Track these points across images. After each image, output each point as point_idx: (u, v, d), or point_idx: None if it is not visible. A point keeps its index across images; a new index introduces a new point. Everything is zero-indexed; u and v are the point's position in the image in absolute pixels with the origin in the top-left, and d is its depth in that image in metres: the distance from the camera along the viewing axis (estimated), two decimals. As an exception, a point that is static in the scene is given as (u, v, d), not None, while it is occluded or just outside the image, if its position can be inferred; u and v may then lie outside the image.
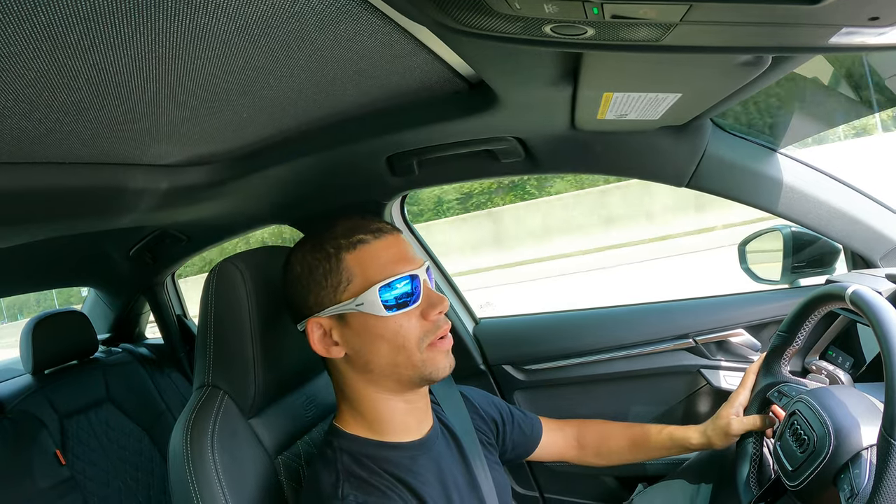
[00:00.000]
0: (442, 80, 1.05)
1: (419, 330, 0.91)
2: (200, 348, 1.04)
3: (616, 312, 1.64)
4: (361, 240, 0.90)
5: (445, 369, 0.93)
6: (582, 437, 1.34)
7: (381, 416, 0.95)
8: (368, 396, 0.94)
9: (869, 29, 0.55)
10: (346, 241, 0.90)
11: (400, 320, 0.89)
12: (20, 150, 0.92)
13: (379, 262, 0.90)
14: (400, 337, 0.89)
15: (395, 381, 0.93)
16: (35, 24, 0.55)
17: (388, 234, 0.93)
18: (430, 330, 0.91)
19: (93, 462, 2.16)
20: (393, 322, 0.89)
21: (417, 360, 0.90)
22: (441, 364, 0.92)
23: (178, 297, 2.67)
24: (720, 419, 1.18)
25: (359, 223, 0.93)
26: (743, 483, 1.09)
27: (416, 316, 0.91)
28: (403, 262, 0.91)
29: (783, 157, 1.25)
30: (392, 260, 0.90)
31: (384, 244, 0.91)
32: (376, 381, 0.93)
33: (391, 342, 0.90)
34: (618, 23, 0.56)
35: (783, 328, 1.13)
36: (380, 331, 0.89)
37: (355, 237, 0.90)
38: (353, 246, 0.90)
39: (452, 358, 0.95)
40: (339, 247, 0.90)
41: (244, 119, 1.06)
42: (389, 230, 0.94)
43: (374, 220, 0.95)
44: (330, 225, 0.94)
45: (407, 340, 0.90)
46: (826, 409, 0.90)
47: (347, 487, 0.86)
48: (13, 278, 2.31)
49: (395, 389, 0.94)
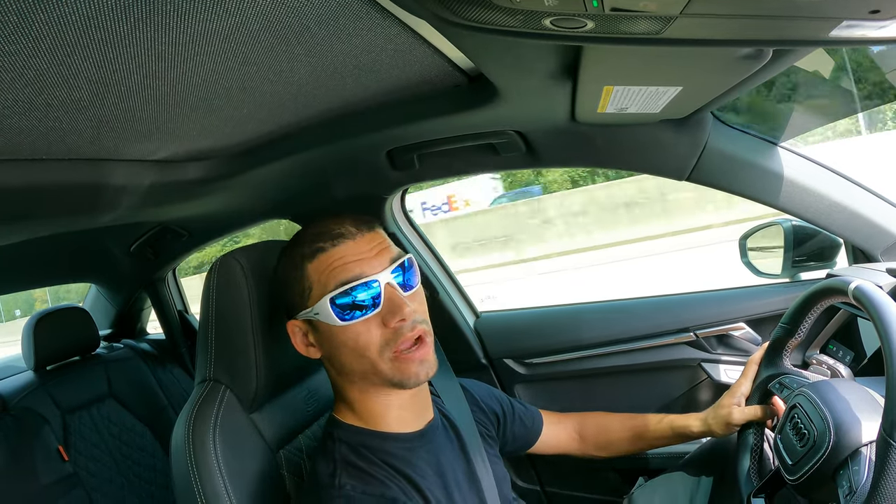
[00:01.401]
0: (442, 73, 1.05)
1: (380, 338, 0.87)
2: (202, 343, 1.04)
3: (617, 306, 1.64)
4: (320, 248, 0.88)
5: (418, 376, 0.89)
6: (582, 429, 1.34)
7: (374, 411, 0.94)
8: (356, 393, 0.94)
9: (870, 22, 0.54)
10: (308, 249, 0.89)
11: (357, 329, 0.87)
12: (21, 147, 0.92)
13: (332, 271, 0.87)
14: (359, 346, 0.87)
15: (372, 384, 0.92)
16: (34, 21, 0.55)
17: (349, 238, 0.89)
18: (392, 338, 0.87)
19: (95, 458, 2.17)
20: (350, 331, 0.87)
21: (383, 369, 0.88)
22: (411, 372, 0.88)
23: (179, 292, 2.67)
24: (721, 408, 1.18)
25: (323, 229, 0.90)
26: (744, 475, 1.09)
27: (376, 323, 0.87)
28: (360, 267, 0.87)
29: (784, 151, 1.25)
30: (347, 267, 0.87)
31: (342, 250, 0.88)
32: (357, 382, 0.93)
33: (352, 351, 0.88)
34: (618, 16, 0.56)
35: (785, 320, 1.13)
36: (341, 339, 0.88)
37: (315, 245, 0.89)
38: (313, 255, 0.89)
39: (431, 362, 0.91)
40: (302, 256, 0.90)
41: (244, 114, 1.06)
42: (352, 234, 0.90)
43: (342, 223, 0.91)
44: (305, 228, 0.94)
45: (367, 349, 0.87)
46: (826, 403, 0.90)
47: (345, 477, 0.86)
48: (14, 275, 2.31)
49: (378, 389, 0.93)
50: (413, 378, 0.88)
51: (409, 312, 0.87)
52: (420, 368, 0.89)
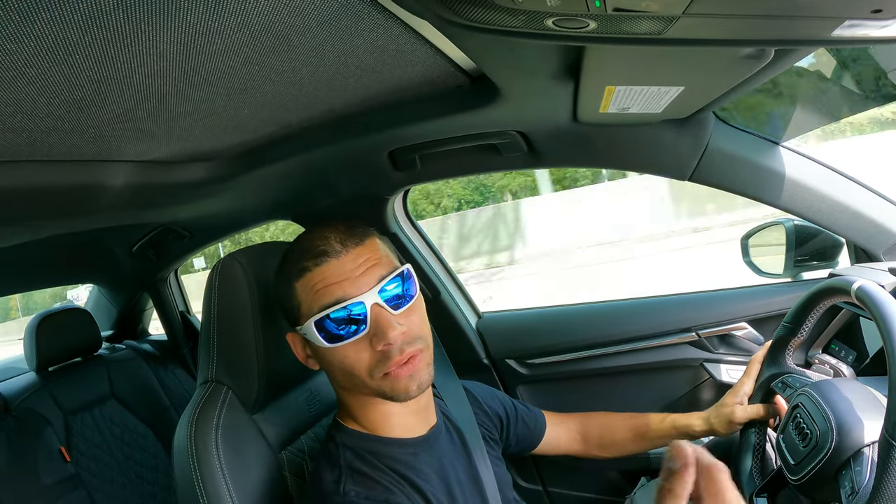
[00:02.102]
0: (444, 74, 1.04)
1: (368, 360, 0.85)
2: (204, 344, 1.05)
3: (619, 306, 1.64)
4: (304, 268, 0.86)
5: (408, 391, 0.86)
6: (585, 429, 1.34)
7: (376, 419, 0.94)
8: (357, 402, 0.94)
9: (871, 21, 0.54)
10: (294, 268, 0.87)
11: (344, 351, 0.85)
12: (23, 147, 0.93)
13: (315, 293, 0.85)
14: (346, 367, 0.86)
15: (368, 396, 0.91)
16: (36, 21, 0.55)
17: (332, 257, 0.85)
18: (380, 360, 0.84)
19: (97, 458, 2.17)
20: (337, 353, 0.86)
21: (373, 386, 0.86)
22: (402, 387, 0.86)
23: (181, 293, 2.67)
24: (724, 407, 1.18)
25: (309, 245, 0.87)
26: (747, 474, 1.09)
27: (363, 345, 0.85)
28: (342, 289, 0.84)
29: (786, 151, 1.25)
30: (329, 290, 0.84)
31: (324, 270, 0.85)
32: (354, 394, 0.93)
33: (340, 370, 0.88)
34: (620, 16, 0.56)
35: (788, 319, 1.13)
36: (328, 359, 0.88)
37: (301, 265, 0.86)
38: (299, 274, 0.87)
39: (423, 377, 0.87)
40: (290, 274, 0.88)
41: (246, 115, 1.06)
42: (336, 252, 0.86)
43: (327, 239, 0.87)
44: (297, 240, 0.92)
45: (354, 370, 0.86)
46: (829, 403, 0.90)
47: (350, 483, 0.86)
48: (16, 276, 2.31)
49: (377, 400, 0.91)
50: (403, 393, 0.86)
51: (396, 336, 0.83)
52: (410, 383, 0.86)
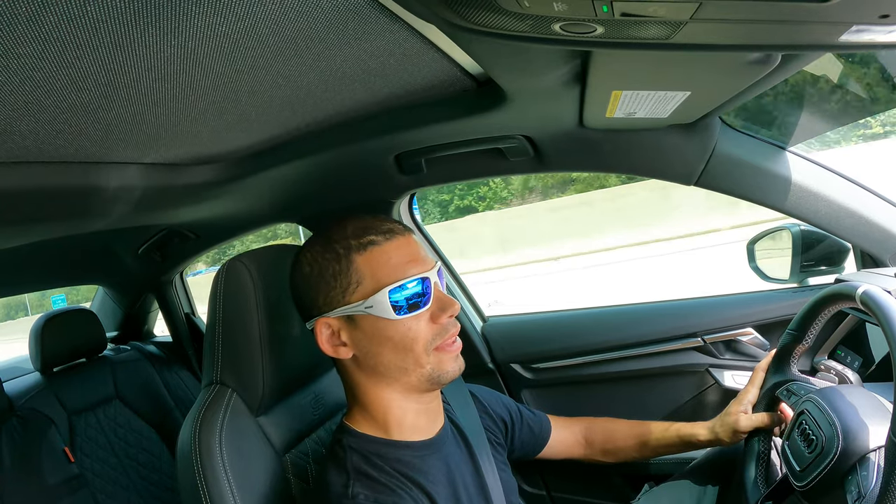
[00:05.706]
0: (451, 78, 1.05)
1: (428, 333, 0.90)
2: (209, 346, 1.05)
3: (624, 311, 1.64)
4: (372, 241, 0.89)
5: (455, 372, 0.93)
6: (589, 434, 1.34)
7: (392, 417, 0.94)
8: (378, 397, 0.94)
9: (879, 27, 0.54)
10: (356, 241, 0.89)
11: (409, 323, 0.89)
12: (31, 150, 0.93)
13: (389, 265, 0.89)
14: (408, 339, 0.89)
15: (403, 384, 0.92)
16: (44, 24, 0.55)
17: (400, 235, 0.92)
18: (438, 333, 0.91)
19: (101, 459, 2.17)
20: (402, 325, 0.88)
21: (425, 363, 0.90)
22: (449, 368, 0.92)
23: (186, 294, 2.68)
24: (728, 416, 1.17)
25: (370, 223, 0.92)
26: (751, 482, 1.08)
27: (425, 319, 0.90)
28: (414, 263, 0.90)
29: (792, 156, 1.25)
30: (403, 262, 0.89)
31: (395, 245, 0.90)
32: (385, 383, 0.93)
33: (399, 344, 0.89)
34: (627, 21, 0.56)
35: (793, 326, 1.12)
36: (389, 333, 0.89)
37: (366, 238, 0.89)
38: (364, 247, 0.89)
39: (462, 361, 0.94)
40: (349, 248, 0.89)
41: (253, 118, 1.06)
42: (401, 231, 0.93)
43: (385, 221, 0.94)
44: (340, 224, 0.93)
45: (415, 343, 0.89)
46: (834, 409, 0.89)
47: (358, 486, 0.86)
48: (23, 276, 2.32)
49: (405, 391, 0.93)
50: (449, 374, 0.92)
51: (456, 310, 0.92)
52: (455, 365, 0.93)
